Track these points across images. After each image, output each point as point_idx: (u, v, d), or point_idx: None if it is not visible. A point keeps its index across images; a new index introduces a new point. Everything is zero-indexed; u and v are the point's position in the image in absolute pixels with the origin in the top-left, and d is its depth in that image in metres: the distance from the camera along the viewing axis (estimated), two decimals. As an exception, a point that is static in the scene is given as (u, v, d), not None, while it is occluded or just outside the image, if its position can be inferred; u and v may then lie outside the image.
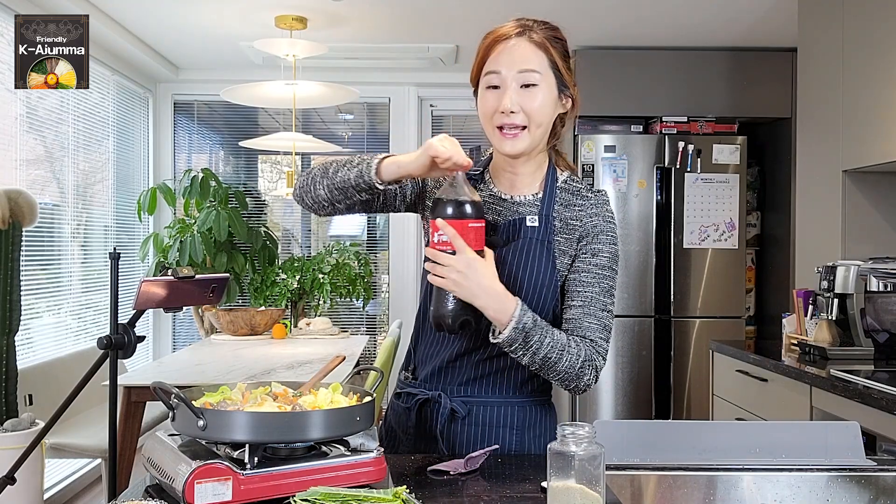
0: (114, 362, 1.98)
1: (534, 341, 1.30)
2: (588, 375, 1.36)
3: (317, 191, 1.41)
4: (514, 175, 1.45)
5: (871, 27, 2.88)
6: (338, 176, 1.39)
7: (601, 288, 1.41)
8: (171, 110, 5.37)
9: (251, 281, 5.06)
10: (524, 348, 1.31)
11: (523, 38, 1.36)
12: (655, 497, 1.27)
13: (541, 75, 1.35)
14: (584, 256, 1.42)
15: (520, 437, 1.44)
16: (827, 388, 2.41)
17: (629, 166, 4.38)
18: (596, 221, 1.43)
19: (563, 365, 1.33)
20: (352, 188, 1.38)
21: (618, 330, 4.36)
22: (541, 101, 1.36)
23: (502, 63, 1.35)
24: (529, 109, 1.35)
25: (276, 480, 1.07)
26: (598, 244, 1.43)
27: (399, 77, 5.27)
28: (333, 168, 1.40)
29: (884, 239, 3.05)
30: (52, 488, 3.75)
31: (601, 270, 1.42)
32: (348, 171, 1.37)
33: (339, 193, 1.39)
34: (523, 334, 1.29)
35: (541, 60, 1.36)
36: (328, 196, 1.41)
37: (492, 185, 1.48)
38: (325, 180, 1.40)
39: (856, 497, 1.26)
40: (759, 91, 4.50)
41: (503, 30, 1.38)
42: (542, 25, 1.39)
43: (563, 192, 1.45)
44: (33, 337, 3.74)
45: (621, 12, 3.96)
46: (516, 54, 1.35)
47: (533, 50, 1.36)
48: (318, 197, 1.42)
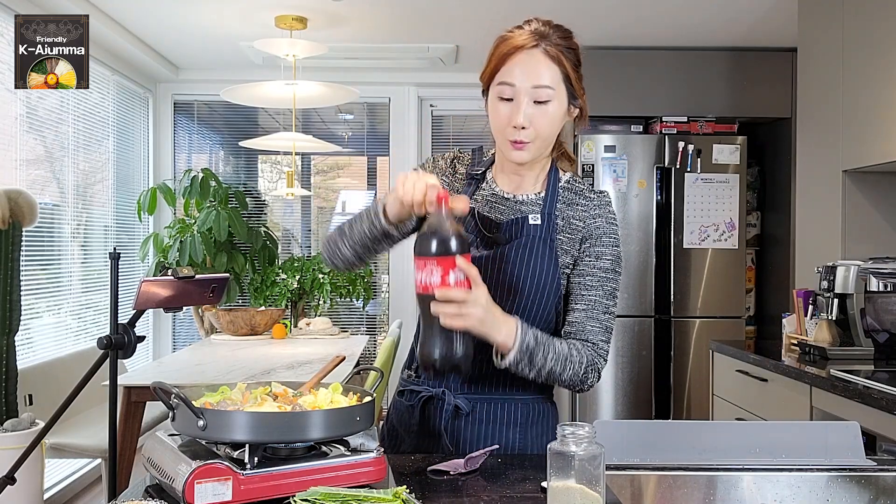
0: (114, 362, 1.98)
1: (538, 359, 1.33)
2: (591, 378, 1.40)
3: (342, 252, 1.45)
4: (518, 176, 1.47)
5: (871, 27, 2.88)
6: (355, 232, 1.42)
7: (604, 291, 1.43)
8: (171, 110, 5.37)
9: (251, 281, 5.06)
10: (529, 366, 1.33)
11: (538, 49, 1.35)
12: (655, 497, 1.27)
13: (553, 91, 1.36)
14: (587, 259, 1.43)
15: (523, 434, 1.45)
16: (827, 388, 2.41)
17: (629, 166, 4.38)
18: (599, 223, 1.45)
19: (568, 374, 1.37)
20: (369, 239, 1.41)
21: (618, 330, 4.36)
22: (551, 117, 1.37)
23: (516, 76, 1.35)
24: (539, 126, 1.36)
25: (276, 480, 1.07)
26: (602, 247, 1.44)
27: (399, 77, 5.27)
28: (348, 226, 1.44)
29: (884, 239, 3.05)
30: (52, 488, 3.75)
31: (604, 273, 1.43)
32: (361, 224, 1.40)
33: (362, 248, 1.43)
34: (528, 354, 1.32)
35: (554, 74, 1.36)
36: (353, 253, 1.44)
37: (494, 185, 1.49)
38: (345, 240, 1.44)
39: (856, 497, 1.26)
40: (759, 91, 4.50)
41: (519, 40, 1.35)
42: (557, 33, 1.37)
43: (566, 191, 1.47)
44: (33, 337, 3.74)
45: (621, 12, 3.96)
46: (531, 68, 1.34)
47: (548, 64, 1.35)
48: (345, 257, 1.45)
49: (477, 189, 1.49)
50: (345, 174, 5.67)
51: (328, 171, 5.69)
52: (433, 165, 1.53)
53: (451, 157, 1.54)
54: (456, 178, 1.51)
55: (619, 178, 4.38)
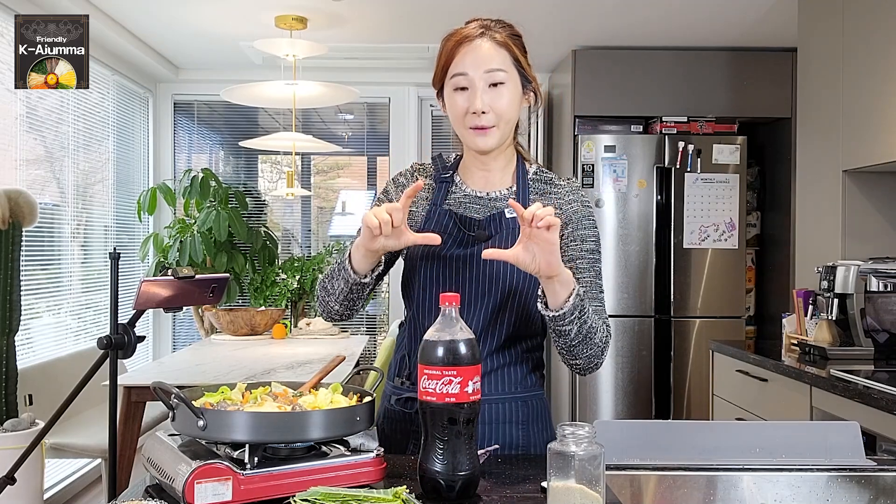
0: (114, 362, 1.98)
1: (587, 308, 1.33)
2: (606, 351, 1.42)
3: (334, 308, 1.45)
4: (486, 171, 1.49)
5: (871, 27, 2.88)
6: (335, 290, 1.42)
7: (595, 272, 1.46)
8: (171, 110, 5.37)
9: (251, 281, 5.05)
10: (579, 317, 1.31)
11: (485, 38, 1.41)
12: (655, 497, 1.27)
13: (506, 73, 1.40)
14: (574, 244, 1.46)
15: (525, 432, 1.45)
16: (827, 388, 2.41)
17: (629, 166, 4.38)
18: (576, 207, 1.48)
19: (599, 335, 1.37)
20: (347, 294, 1.41)
21: (618, 330, 4.36)
22: (508, 99, 1.41)
23: (468, 64, 1.39)
24: (498, 108, 1.40)
25: (276, 480, 1.07)
26: (584, 229, 1.47)
27: (399, 77, 5.26)
28: (328, 282, 1.44)
29: (884, 239, 3.05)
30: (52, 488, 3.75)
31: (591, 255, 1.46)
32: (338, 281, 1.41)
33: (347, 301, 1.43)
34: (581, 303, 1.31)
35: (504, 58, 1.41)
36: (343, 307, 1.44)
37: (464, 186, 1.51)
38: (330, 297, 1.44)
39: (856, 497, 1.26)
40: (759, 91, 4.50)
41: (466, 31, 1.42)
42: (500, 24, 1.44)
43: (536, 182, 1.50)
44: (33, 337, 3.74)
45: (621, 12, 3.96)
46: (481, 54, 1.40)
47: (496, 49, 1.41)
48: (338, 312, 1.46)
49: (448, 193, 1.50)
50: (345, 174, 5.67)
51: (328, 171, 5.69)
52: (395, 187, 1.54)
53: (411, 172, 1.56)
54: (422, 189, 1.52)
55: (619, 178, 4.38)
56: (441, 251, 1.44)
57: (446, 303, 1.13)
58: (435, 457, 1.12)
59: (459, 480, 1.11)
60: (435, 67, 1.46)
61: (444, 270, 1.44)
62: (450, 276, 1.44)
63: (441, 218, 1.46)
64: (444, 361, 1.10)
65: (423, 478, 1.13)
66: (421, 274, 1.46)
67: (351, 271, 1.36)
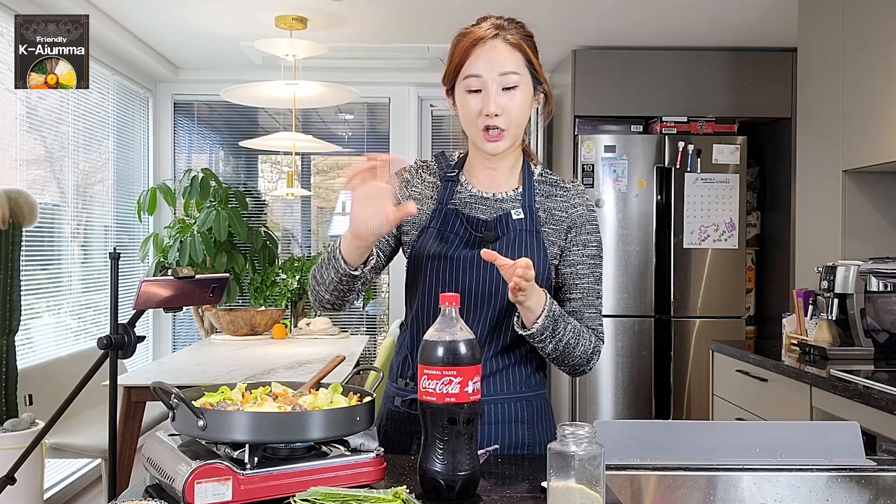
0: (114, 362, 1.98)
1: (560, 328, 1.36)
2: (594, 360, 1.45)
3: (324, 297, 1.44)
4: (493, 171, 1.49)
5: (871, 27, 2.88)
6: (325, 279, 1.41)
7: (595, 277, 1.48)
8: (171, 110, 5.37)
9: (251, 281, 5.05)
10: (552, 336, 1.36)
11: (499, 39, 1.39)
12: (655, 497, 1.27)
13: (519, 76, 1.40)
14: (575, 248, 1.47)
15: (531, 431, 1.46)
16: (827, 388, 2.41)
17: (629, 166, 4.38)
18: (581, 211, 1.49)
19: (579, 350, 1.41)
20: (337, 284, 1.40)
21: (618, 330, 4.36)
22: (520, 102, 1.41)
23: (482, 67, 1.39)
24: (511, 112, 1.40)
25: (276, 480, 1.07)
26: (587, 234, 1.48)
27: (399, 77, 5.27)
28: (320, 273, 1.42)
29: (884, 239, 3.05)
30: (52, 488, 3.75)
31: (592, 260, 1.48)
32: (328, 271, 1.39)
33: (338, 292, 1.41)
34: (553, 322, 1.34)
35: (517, 61, 1.40)
36: (334, 297, 1.43)
37: (470, 187, 1.50)
38: (321, 287, 1.43)
39: (856, 497, 1.26)
40: (759, 91, 4.50)
41: (479, 32, 1.40)
42: (512, 24, 1.43)
43: (542, 184, 1.50)
44: (33, 337, 3.74)
45: (621, 12, 3.96)
46: (495, 57, 1.39)
47: (510, 51, 1.39)
48: (329, 301, 1.45)
49: (454, 192, 1.49)
50: (345, 174, 5.66)
51: (328, 170, 5.69)
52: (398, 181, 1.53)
53: (415, 168, 1.55)
54: (426, 186, 1.52)
55: (619, 178, 4.38)
56: (448, 252, 1.43)
57: (446, 303, 1.13)
58: (435, 457, 1.12)
59: (459, 480, 1.11)
60: (446, 66, 1.44)
61: (452, 271, 1.43)
62: (457, 277, 1.43)
63: (448, 217, 1.46)
64: (444, 361, 1.10)
65: (423, 478, 1.13)
66: (427, 273, 1.45)
67: (342, 261, 1.35)
